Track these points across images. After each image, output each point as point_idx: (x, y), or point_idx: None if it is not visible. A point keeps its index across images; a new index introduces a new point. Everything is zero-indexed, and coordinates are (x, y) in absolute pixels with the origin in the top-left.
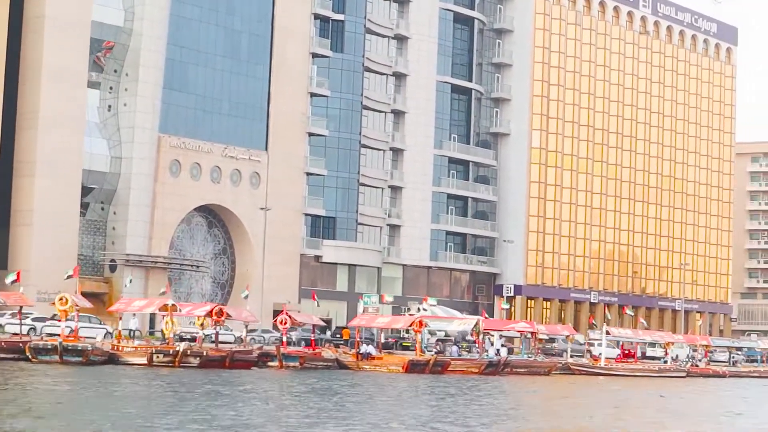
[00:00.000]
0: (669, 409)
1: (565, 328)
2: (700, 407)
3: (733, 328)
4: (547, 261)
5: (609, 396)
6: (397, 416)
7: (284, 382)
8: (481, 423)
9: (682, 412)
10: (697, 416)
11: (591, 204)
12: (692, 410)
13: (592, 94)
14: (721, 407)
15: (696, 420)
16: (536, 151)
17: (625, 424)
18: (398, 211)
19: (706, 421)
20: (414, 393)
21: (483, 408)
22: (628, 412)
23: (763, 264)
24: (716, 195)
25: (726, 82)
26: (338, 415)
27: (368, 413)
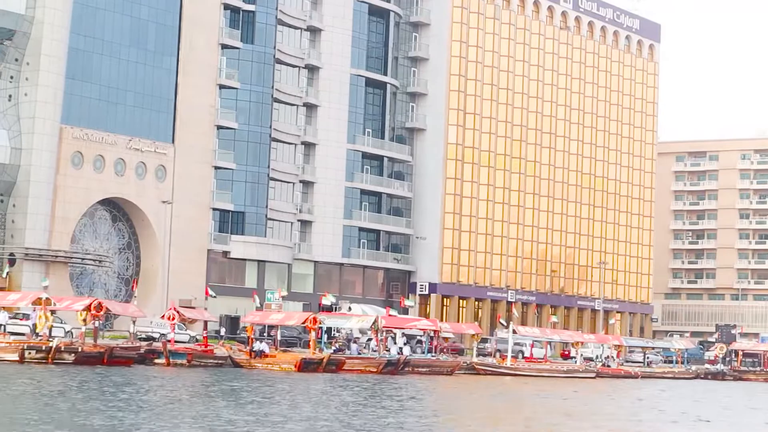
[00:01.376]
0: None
1: (471, 326)
2: (578, 409)
3: (656, 328)
4: (463, 259)
5: (485, 398)
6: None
7: (135, 379)
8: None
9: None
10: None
11: (509, 201)
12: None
13: (510, 89)
14: (598, 408)
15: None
16: (453, 146)
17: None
18: (310, 206)
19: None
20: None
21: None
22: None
23: (688, 264)
24: (638, 194)
25: (648, 79)
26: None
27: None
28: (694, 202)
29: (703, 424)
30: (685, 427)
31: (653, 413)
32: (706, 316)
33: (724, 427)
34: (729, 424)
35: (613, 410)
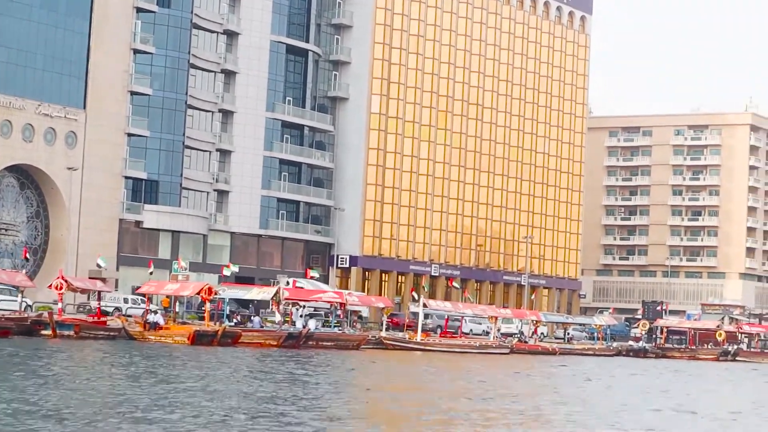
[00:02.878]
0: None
1: (380, 299)
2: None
3: (586, 305)
4: (385, 232)
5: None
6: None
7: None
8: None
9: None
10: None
11: (433, 173)
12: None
13: (436, 59)
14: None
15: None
16: (376, 116)
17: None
18: (227, 176)
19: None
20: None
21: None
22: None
23: (620, 240)
24: (567, 167)
25: (579, 51)
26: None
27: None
28: (626, 178)
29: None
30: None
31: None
32: (638, 293)
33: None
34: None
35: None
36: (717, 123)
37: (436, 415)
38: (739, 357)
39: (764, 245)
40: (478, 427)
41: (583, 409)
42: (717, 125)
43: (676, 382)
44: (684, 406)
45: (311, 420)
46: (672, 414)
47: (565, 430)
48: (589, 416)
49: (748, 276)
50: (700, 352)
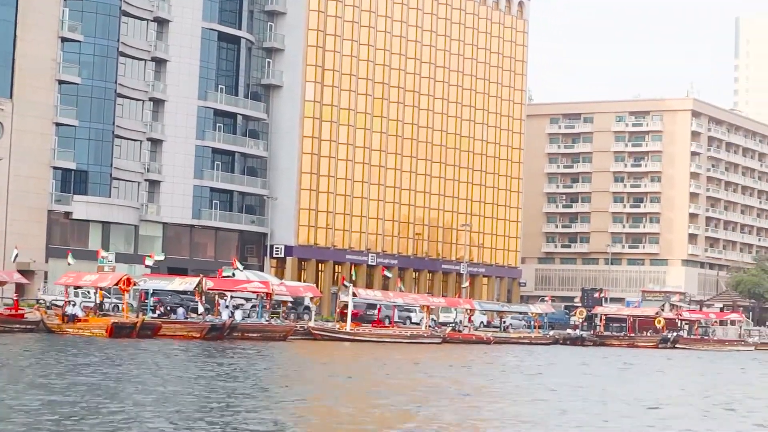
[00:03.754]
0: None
1: (308, 289)
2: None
3: (528, 293)
4: (321, 221)
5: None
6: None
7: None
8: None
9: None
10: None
11: (369, 161)
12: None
13: (372, 45)
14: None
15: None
16: (310, 104)
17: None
18: (158, 165)
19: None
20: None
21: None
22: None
23: (561, 228)
24: (506, 155)
25: (518, 37)
26: None
27: None
28: (568, 165)
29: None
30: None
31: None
32: (580, 281)
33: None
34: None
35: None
36: (658, 109)
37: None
38: (679, 344)
39: (706, 232)
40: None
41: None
42: (658, 111)
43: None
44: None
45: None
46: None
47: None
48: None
49: (691, 263)
50: (638, 340)
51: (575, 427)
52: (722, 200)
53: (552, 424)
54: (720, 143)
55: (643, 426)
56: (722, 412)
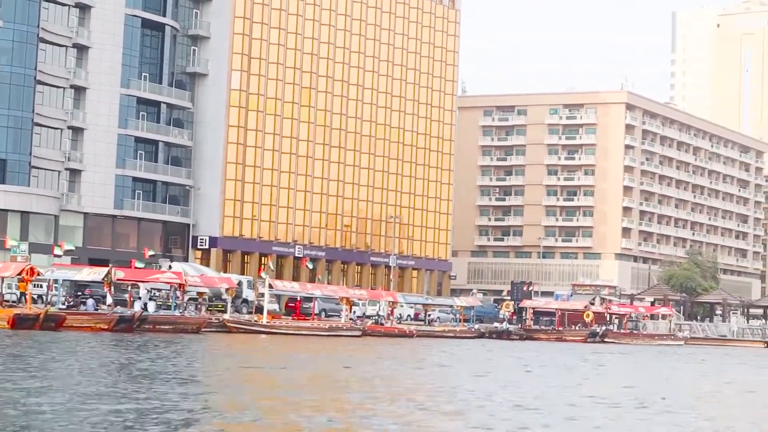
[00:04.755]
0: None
1: (224, 280)
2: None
3: (461, 286)
4: (246, 212)
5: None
6: None
7: None
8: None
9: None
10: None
11: (297, 152)
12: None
13: (300, 34)
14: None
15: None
16: (236, 93)
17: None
18: (79, 154)
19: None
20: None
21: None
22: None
23: (494, 221)
24: (437, 146)
25: (449, 27)
26: None
27: None
28: (501, 158)
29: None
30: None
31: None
32: (513, 275)
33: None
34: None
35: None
36: (592, 102)
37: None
38: (608, 338)
39: (640, 225)
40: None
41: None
42: (592, 104)
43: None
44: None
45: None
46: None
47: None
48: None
49: (624, 256)
50: (567, 334)
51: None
52: (656, 194)
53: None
54: (654, 137)
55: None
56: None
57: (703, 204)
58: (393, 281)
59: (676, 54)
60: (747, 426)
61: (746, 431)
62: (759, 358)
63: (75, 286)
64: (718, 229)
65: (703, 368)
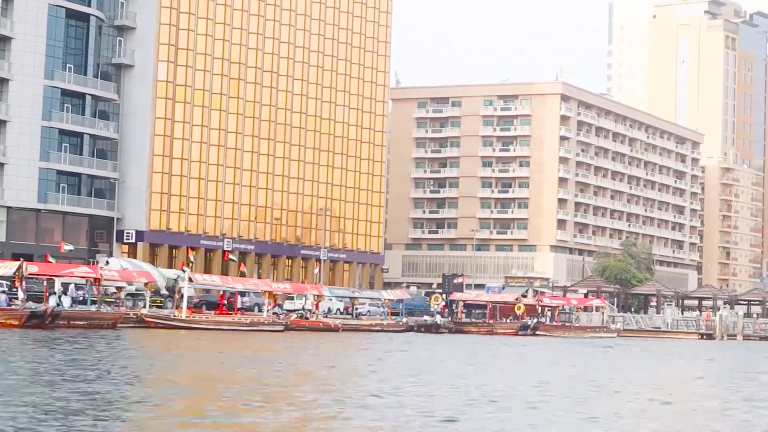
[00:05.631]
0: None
1: (143, 274)
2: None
3: (395, 279)
4: (173, 205)
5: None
6: None
7: None
8: None
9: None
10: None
11: (225, 144)
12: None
13: (228, 24)
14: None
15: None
16: (163, 84)
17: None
18: (2, 147)
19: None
20: None
21: None
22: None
23: (429, 214)
24: (368, 137)
25: (381, 17)
26: None
27: None
28: (436, 150)
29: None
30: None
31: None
32: (447, 267)
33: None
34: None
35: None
36: (527, 93)
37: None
38: (540, 331)
39: (575, 217)
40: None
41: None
42: (527, 95)
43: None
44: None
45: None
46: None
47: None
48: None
49: (559, 248)
50: (498, 327)
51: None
52: (592, 185)
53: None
54: (590, 128)
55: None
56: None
57: (639, 195)
58: (319, 275)
59: (613, 45)
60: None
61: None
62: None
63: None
64: (655, 220)
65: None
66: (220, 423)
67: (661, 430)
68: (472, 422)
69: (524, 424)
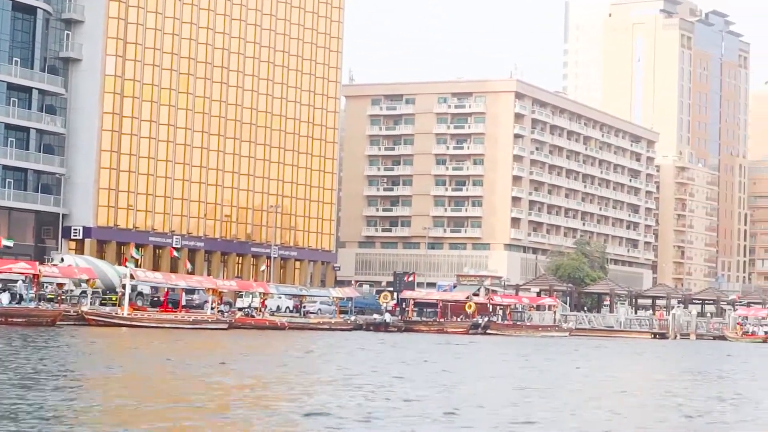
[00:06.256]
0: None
1: (84, 271)
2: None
3: (349, 278)
4: (121, 201)
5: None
6: None
7: None
8: None
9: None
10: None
11: (174, 140)
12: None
13: (177, 18)
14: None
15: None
16: (111, 79)
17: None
18: None
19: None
20: None
21: None
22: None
23: (382, 212)
24: (320, 134)
25: (333, 13)
26: None
27: None
28: (389, 147)
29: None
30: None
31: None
32: (401, 266)
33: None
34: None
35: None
36: (481, 90)
37: None
38: (491, 330)
39: (530, 215)
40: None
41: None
42: (481, 93)
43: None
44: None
45: None
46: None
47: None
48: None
49: (513, 247)
50: (448, 325)
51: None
52: (546, 184)
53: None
54: (544, 126)
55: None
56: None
57: (594, 194)
58: (266, 272)
59: (568, 44)
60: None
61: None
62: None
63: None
64: (609, 219)
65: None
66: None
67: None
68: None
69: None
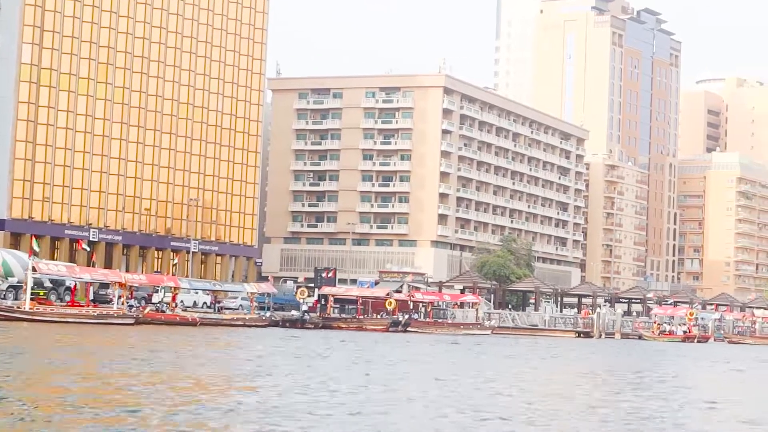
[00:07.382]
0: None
1: None
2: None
3: (275, 274)
4: (36, 193)
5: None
6: None
7: None
8: None
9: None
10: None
11: (92, 130)
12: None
13: (97, 6)
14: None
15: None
16: (27, 67)
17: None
18: None
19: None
20: None
21: None
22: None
23: (308, 207)
24: (243, 127)
25: (257, 3)
26: None
27: None
28: (316, 142)
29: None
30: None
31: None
32: (327, 262)
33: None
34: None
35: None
36: (409, 85)
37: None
38: (412, 327)
39: (457, 212)
40: None
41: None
42: (410, 87)
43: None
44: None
45: None
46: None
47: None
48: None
49: (440, 244)
50: (367, 323)
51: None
52: (474, 180)
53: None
54: (473, 122)
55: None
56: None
57: (523, 191)
58: (178, 266)
59: (500, 40)
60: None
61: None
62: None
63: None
64: (538, 217)
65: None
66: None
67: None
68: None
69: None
